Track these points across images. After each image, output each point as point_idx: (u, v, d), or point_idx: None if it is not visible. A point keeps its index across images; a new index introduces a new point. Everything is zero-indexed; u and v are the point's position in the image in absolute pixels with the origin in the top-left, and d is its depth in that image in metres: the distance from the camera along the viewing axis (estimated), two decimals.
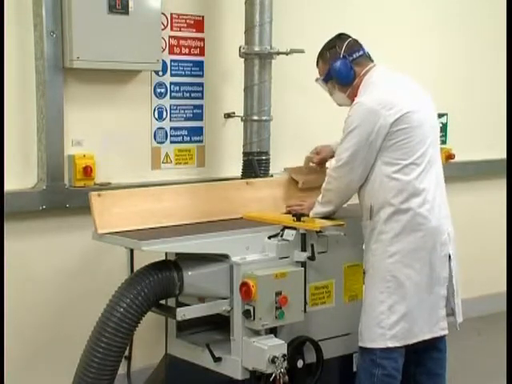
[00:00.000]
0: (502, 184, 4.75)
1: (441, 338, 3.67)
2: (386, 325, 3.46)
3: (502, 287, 4.55)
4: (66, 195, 3.96)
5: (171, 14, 4.32)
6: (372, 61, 3.70)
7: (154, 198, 3.63)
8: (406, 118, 3.44)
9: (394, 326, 3.46)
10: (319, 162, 4.03)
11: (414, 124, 3.47)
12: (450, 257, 3.57)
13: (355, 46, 3.68)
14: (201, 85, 4.47)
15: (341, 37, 3.69)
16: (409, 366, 3.63)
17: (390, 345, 3.47)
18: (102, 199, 3.47)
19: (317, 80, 3.76)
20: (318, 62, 3.75)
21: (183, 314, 3.43)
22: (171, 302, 3.67)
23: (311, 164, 4.08)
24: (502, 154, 5.57)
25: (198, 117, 4.49)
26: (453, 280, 3.61)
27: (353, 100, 3.58)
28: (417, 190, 3.46)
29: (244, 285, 3.39)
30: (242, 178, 4.29)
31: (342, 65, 3.60)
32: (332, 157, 3.85)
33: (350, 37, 3.70)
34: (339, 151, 3.56)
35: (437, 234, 3.51)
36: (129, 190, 3.67)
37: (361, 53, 3.66)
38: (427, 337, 3.55)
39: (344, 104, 3.71)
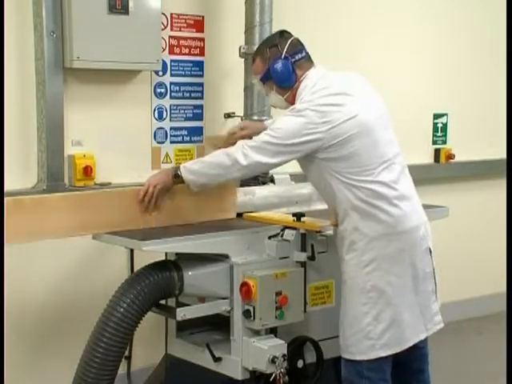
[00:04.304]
0: (502, 184, 4.75)
1: None
2: (375, 335, 3.28)
3: (502, 287, 4.55)
4: None
5: (171, 14, 4.33)
6: (312, 62, 3.40)
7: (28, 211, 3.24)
8: (345, 126, 3.17)
9: (383, 335, 3.29)
10: (242, 138, 3.59)
11: (357, 129, 3.18)
12: (430, 250, 3.38)
13: (298, 46, 3.38)
14: (201, 85, 4.48)
15: (283, 35, 3.38)
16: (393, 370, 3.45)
17: (383, 354, 3.29)
18: None
19: (253, 80, 3.50)
20: (254, 59, 3.44)
21: (183, 314, 3.43)
22: (171, 302, 3.67)
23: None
24: (502, 154, 5.57)
25: (198, 117, 4.49)
26: (435, 274, 3.42)
27: (291, 104, 3.36)
28: (379, 193, 3.22)
29: (244, 285, 3.39)
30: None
31: (284, 66, 3.31)
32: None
33: (292, 35, 3.39)
34: (260, 137, 3.29)
35: (414, 230, 3.30)
36: None
37: (303, 54, 3.37)
38: (423, 336, 3.39)
39: (281, 106, 3.48)
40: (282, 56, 3.34)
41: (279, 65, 3.33)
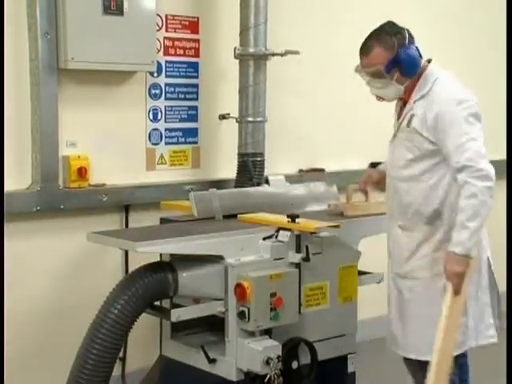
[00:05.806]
0: (502, 185, 4.73)
1: None
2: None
3: (502, 287, 4.53)
4: (60, 196, 3.95)
5: (166, 15, 4.32)
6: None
7: None
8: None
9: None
10: (377, 180, 3.70)
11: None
12: (489, 262, 3.49)
13: (411, 36, 3.37)
14: (196, 86, 4.47)
15: (396, 24, 3.37)
16: None
17: (459, 351, 3.32)
18: None
19: (356, 70, 3.39)
20: (371, 48, 3.32)
21: (178, 315, 3.42)
22: (166, 303, 3.66)
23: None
24: (502, 155, 5.56)
25: (193, 118, 4.48)
26: (497, 288, 3.49)
27: (407, 93, 3.34)
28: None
29: (239, 286, 3.39)
30: (236, 180, 4.29)
31: (413, 52, 3.28)
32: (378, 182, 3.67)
33: None
34: (472, 154, 3.37)
35: (483, 236, 3.42)
36: None
37: (416, 44, 3.37)
38: (473, 344, 3.39)
39: (393, 97, 3.41)
40: (407, 42, 3.30)
41: (411, 51, 3.29)
